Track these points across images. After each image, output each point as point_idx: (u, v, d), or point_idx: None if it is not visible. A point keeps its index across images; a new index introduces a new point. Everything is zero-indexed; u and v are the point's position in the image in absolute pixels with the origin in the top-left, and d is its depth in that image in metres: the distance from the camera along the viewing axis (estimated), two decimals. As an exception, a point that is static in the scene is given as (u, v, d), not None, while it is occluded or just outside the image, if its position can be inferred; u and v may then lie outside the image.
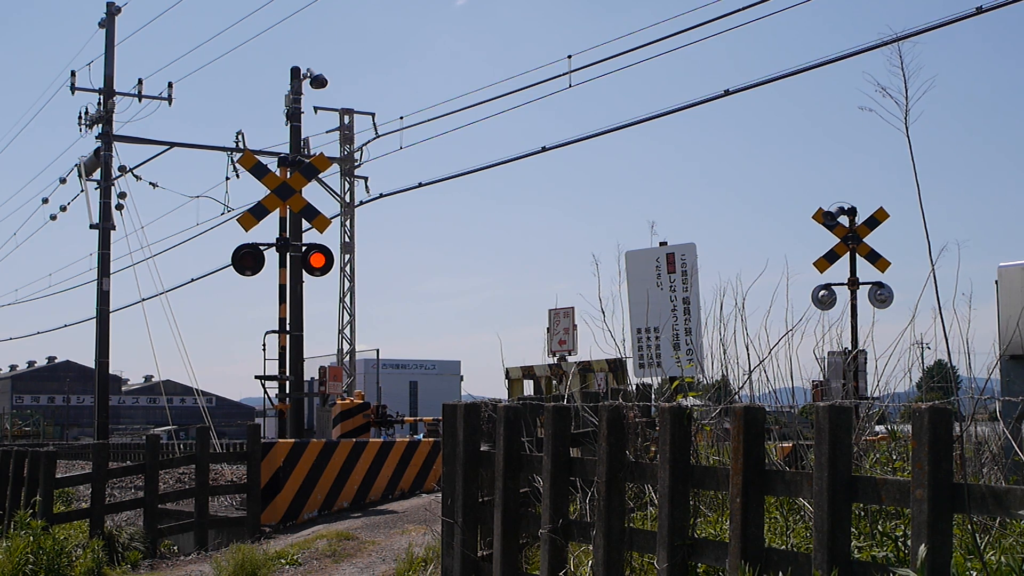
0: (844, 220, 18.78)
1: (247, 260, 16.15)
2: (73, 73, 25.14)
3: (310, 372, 22.95)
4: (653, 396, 8.17)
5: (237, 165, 22.38)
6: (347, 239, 27.37)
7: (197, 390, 22.60)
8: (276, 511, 12.67)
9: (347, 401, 16.32)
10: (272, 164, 17.14)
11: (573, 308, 14.11)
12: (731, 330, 7.99)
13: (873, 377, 7.59)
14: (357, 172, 29.08)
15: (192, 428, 15.45)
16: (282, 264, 16.67)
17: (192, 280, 38.51)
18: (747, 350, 7.78)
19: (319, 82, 21.09)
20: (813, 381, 7.68)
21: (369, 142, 28.64)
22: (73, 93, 25.15)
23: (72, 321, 55.84)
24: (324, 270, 16.80)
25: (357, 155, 28.80)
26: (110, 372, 26.07)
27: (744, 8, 16.79)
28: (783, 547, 5.68)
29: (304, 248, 16.86)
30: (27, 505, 12.50)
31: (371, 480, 13.29)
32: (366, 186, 29.29)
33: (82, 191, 25.72)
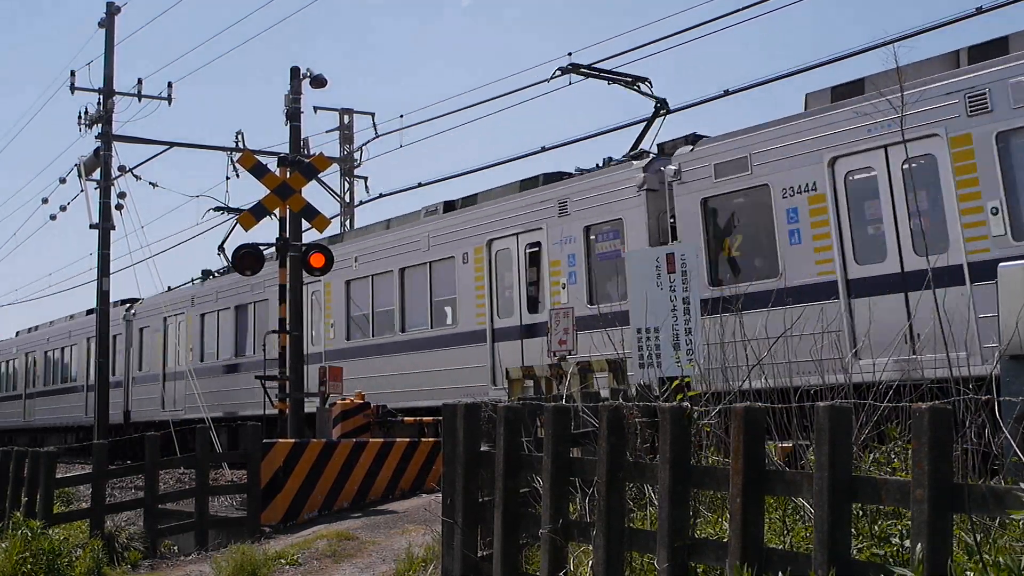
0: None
1: (247, 260, 16.14)
2: (73, 73, 25.17)
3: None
4: (653, 396, 8.17)
5: (237, 165, 22.35)
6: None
7: (198, 393, 22.54)
8: (276, 511, 12.67)
9: (347, 401, 16.31)
10: (272, 164, 17.12)
11: (573, 308, 14.10)
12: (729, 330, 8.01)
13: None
14: (357, 172, 29.16)
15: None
16: (282, 264, 16.66)
17: (192, 280, 38.35)
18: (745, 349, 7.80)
19: (319, 82, 21.07)
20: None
21: (369, 142, 28.82)
22: (73, 93, 25.17)
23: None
24: (324, 270, 16.80)
25: (357, 155, 28.89)
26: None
27: (743, 8, 16.83)
28: (783, 547, 5.68)
29: (304, 248, 16.85)
30: (27, 505, 12.50)
31: (371, 480, 13.29)
32: (366, 186, 29.48)
33: (82, 191, 25.74)
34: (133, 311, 29.08)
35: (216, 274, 26.33)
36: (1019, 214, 10.29)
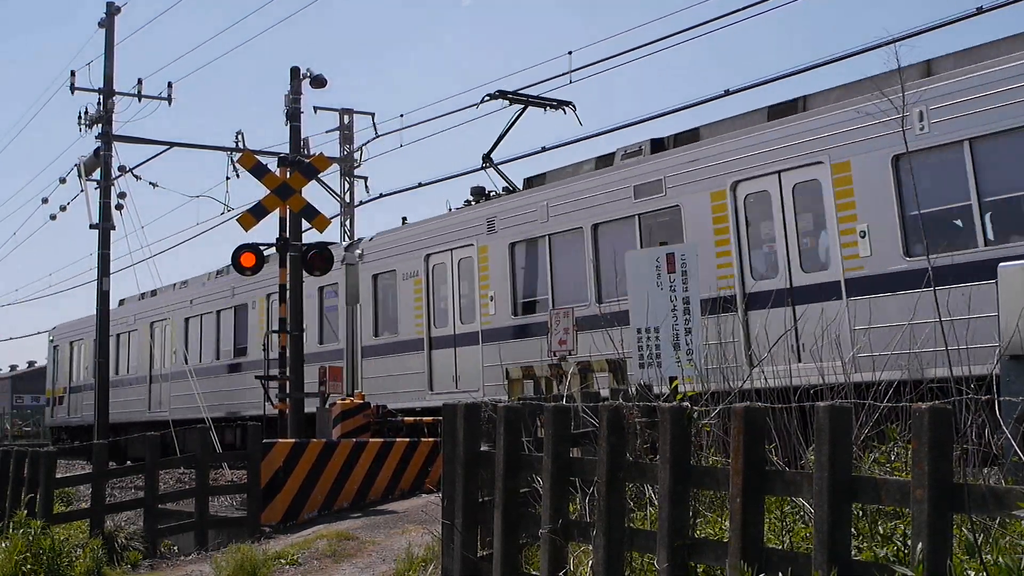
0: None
1: (248, 260, 16.15)
2: (73, 73, 25.19)
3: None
4: (653, 396, 8.16)
5: (237, 165, 22.38)
6: (347, 239, 27.39)
7: (198, 393, 22.55)
8: (276, 511, 12.67)
9: (347, 401, 16.32)
10: (272, 164, 17.14)
11: (573, 308, 14.10)
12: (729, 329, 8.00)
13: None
14: (357, 172, 29.16)
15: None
16: (282, 264, 16.68)
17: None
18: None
19: (319, 82, 21.10)
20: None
21: (369, 142, 28.77)
22: (73, 93, 25.19)
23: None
24: (324, 270, 16.83)
25: (357, 155, 28.88)
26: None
27: (743, 8, 16.82)
28: (783, 547, 5.67)
29: (304, 248, 16.86)
30: (27, 505, 12.49)
31: (371, 480, 13.29)
32: (366, 186, 29.44)
33: (82, 191, 25.75)
34: (359, 251, 20.20)
35: (503, 191, 18.20)
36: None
